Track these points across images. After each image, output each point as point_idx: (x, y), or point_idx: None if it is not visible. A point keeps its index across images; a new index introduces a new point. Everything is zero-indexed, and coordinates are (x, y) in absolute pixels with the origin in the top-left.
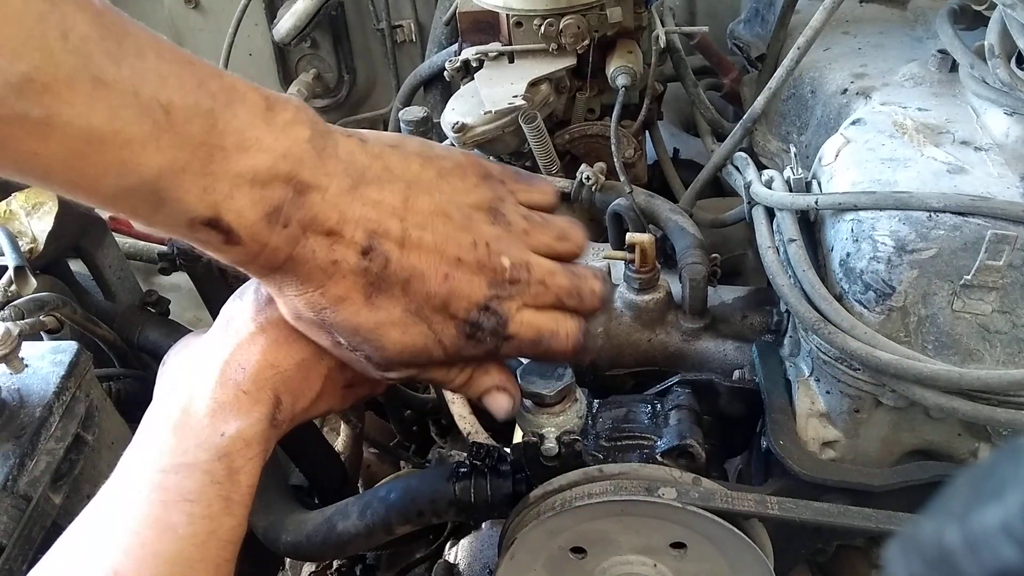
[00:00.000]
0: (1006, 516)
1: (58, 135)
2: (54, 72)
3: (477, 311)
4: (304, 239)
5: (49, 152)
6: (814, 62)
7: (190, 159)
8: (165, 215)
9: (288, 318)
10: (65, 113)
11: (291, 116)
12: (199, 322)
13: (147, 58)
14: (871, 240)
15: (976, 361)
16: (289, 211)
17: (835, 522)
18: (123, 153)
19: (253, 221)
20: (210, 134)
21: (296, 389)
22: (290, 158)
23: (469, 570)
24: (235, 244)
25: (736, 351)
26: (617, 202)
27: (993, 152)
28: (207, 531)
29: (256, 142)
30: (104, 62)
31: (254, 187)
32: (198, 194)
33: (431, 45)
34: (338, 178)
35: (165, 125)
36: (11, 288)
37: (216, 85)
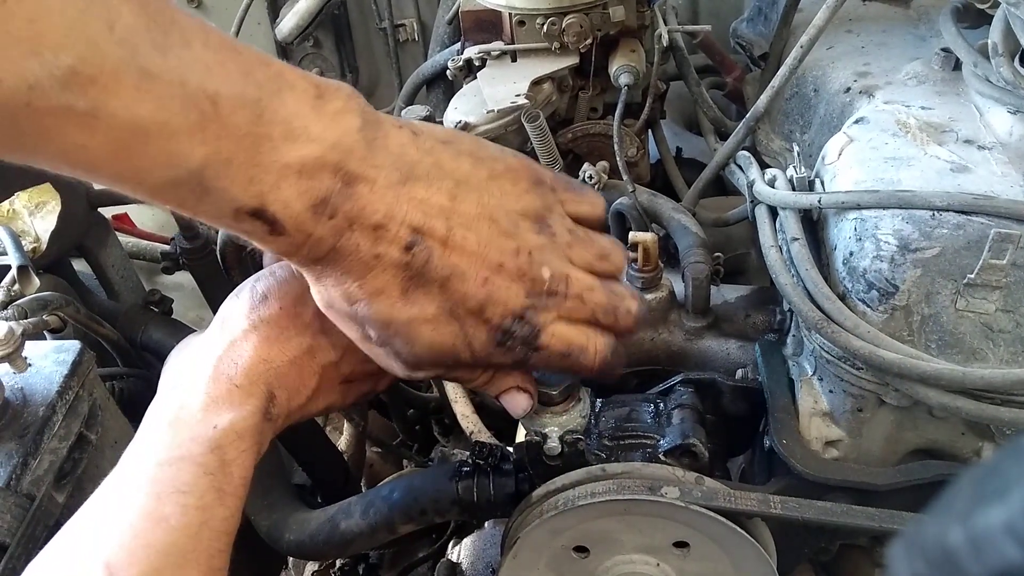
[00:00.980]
0: (1010, 516)
1: (104, 127)
2: (100, 64)
3: (511, 319)
4: (349, 232)
5: (95, 144)
6: (817, 61)
7: (236, 149)
8: (210, 205)
9: (320, 306)
10: (111, 105)
11: (341, 104)
12: (202, 321)
13: (193, 47)
14: (874, 239)
15: (979, 360)
16: (336, 202)
17: (838, 521)
18: (169, 145)
19: (299, 211)
20: (257, 124)
21: (290, 385)
22: (339, 148)
23: (472, 569)
24: (280, 235)
25: (739, 350)
26: (620, 201)
27: (996, 151)
28: (199, 522)
29: (304, 131)
30: (150, 53)
31: (301, 178)
32: (243, 184)
33: (434, 44)
34: (387, 171)
35: (212, 115)
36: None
37: (263, 74)
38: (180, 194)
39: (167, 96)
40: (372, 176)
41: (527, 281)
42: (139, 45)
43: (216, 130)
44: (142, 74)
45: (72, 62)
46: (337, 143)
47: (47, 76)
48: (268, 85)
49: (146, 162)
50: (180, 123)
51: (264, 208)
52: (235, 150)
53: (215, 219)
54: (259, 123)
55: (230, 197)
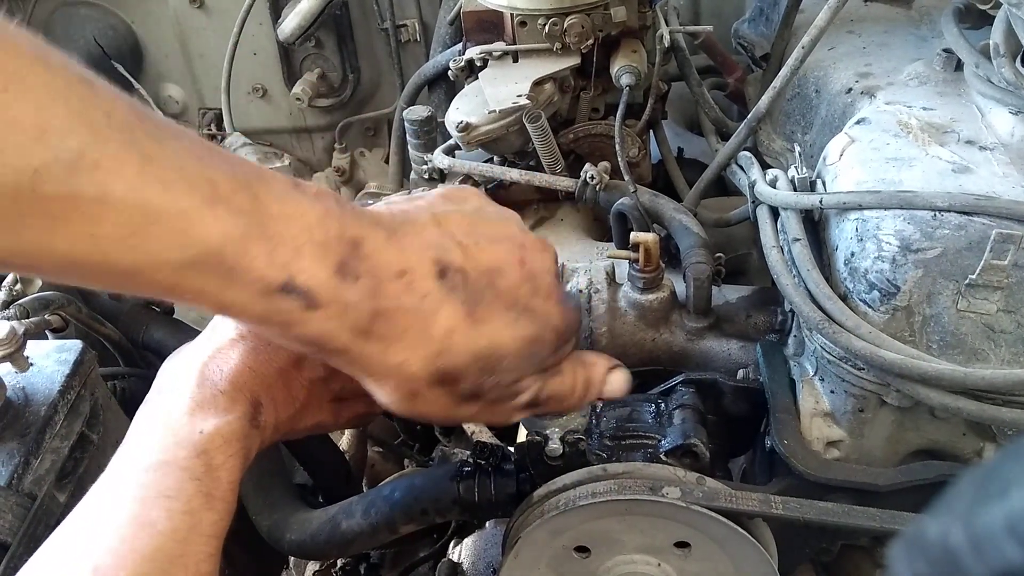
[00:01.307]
0: (1010, 515)
1: (113, 213)
2: (103, 148)
3: (556, 278)
4: (382, 289)
5: (105, 232)
6: (819, 61)
7: (248, 225)
8: (238, 288)
9: (393, 398)
10: (118, 189)
11: (317, 188)
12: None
13: (182, 140)
14: (876, 239)
15: (981, 361)
16: (355, 264)
17: (839, 522)
18: (180, 223)
19: (326, 277)
20: (256, 203)
21: (277, 396)
22: (333, 217)
23: (473, 569)
24: (317, 308)
25: (740, 350)
26: (621, 201)
27: (998, 151)
28: (187, 527)
29: (297, 207)
30: (147, 141)
31: (314, 247)
32: (266, 259)
33: (435, 44)
34: (381, 229)
35: (214, 197)
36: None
37: (246, 167)
38: (204, 279)
39: (170, 179)
40: (372, 235)
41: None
42: (136, 132)
43: (224, 209)
44: (143, 158)
45: (77, 146)
46: (328, 213)
47: (54, 160)
48: (252, 173)
49: (160, 244)
50: (188, 203)
51: (292, 279)
52: (247, 226)
53: (245, 306)
54: (257, 203)
55: (256, 275)
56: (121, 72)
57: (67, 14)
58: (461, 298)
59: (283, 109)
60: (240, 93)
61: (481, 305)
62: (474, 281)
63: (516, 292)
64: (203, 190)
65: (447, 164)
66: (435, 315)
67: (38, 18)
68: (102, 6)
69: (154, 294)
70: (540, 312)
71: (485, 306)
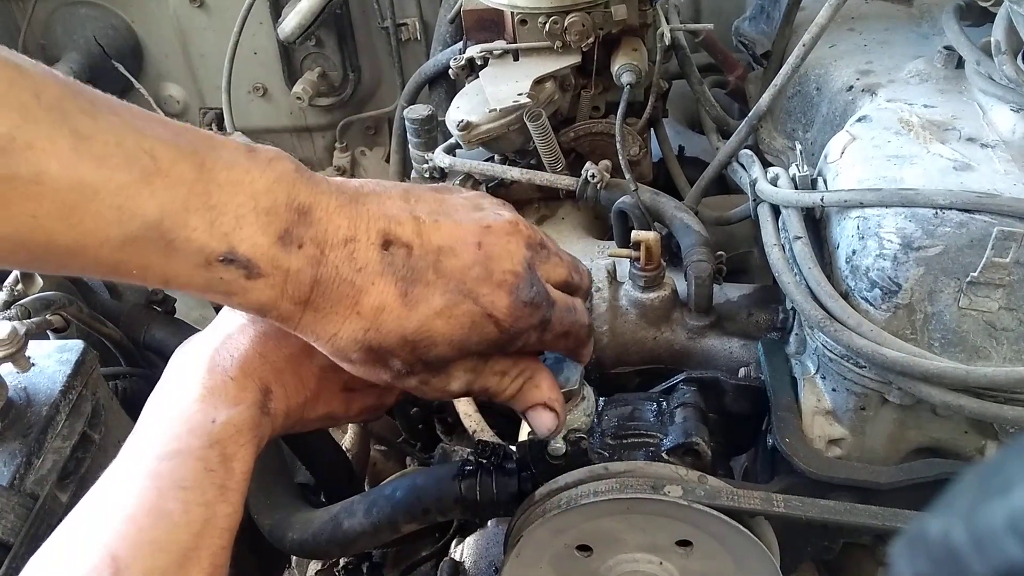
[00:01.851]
0: (1012, 514)
1: (50, 191)
2: (34, 129)
3: (525, 268)
4: (323, 257)
5: (44, 211)
6: (819, 59)
7: (188, 196)
8: (179, 260)
9: (340, 363)
10: (53, 168)
11: (274, 154)
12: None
13: (121, 114)
14: (877, 237)
15: (983, 358)
16: (299, 232)
17: (841, 520)
18: (118, 199)
19: (267, 247)
20: (201, 172)
21: (288, 383)
22: (283, 183)
23: (475, 568)
24: (258, 277)
25: (742, 349)
26: (622, 200)
27: (999, 149)
28: (202, 519)
29: (247, 174)
30: (80, 117)
31: (259, 215)
32: (206, 229)
33: (436, 43)
34: (335, 196)
35: (154, 169)
36: (17, 287)
37: (193, 135)
38: (146, 254)
39: (105, 155)
40: (323, 203)
41: (520, 235)
42: (68, 111)
43: (163, 182)
44: (76, 136)
45: (6, 129)
46: (280, 179)
47: None
48: (200, 142)
49: (99, 221)
50: (124, 178)
51: (234, 250)
52: (187, 196)
53: (188, 276)
54: (203, 171)
55: (197, 246)
56: (122, 72)
57: (68, 14)
58: (399, 275)
59: (284, 108)
60: (241, 92)
61: (418, 285)
62: (417, 258)
63: (462, 274)
64: (141, 163)
65: (448, 163)
66: (367, 290)
67: (39, 18)
68: (103, 6)
69: (102, 273)
70: (484, 300)
71: (422, 287)
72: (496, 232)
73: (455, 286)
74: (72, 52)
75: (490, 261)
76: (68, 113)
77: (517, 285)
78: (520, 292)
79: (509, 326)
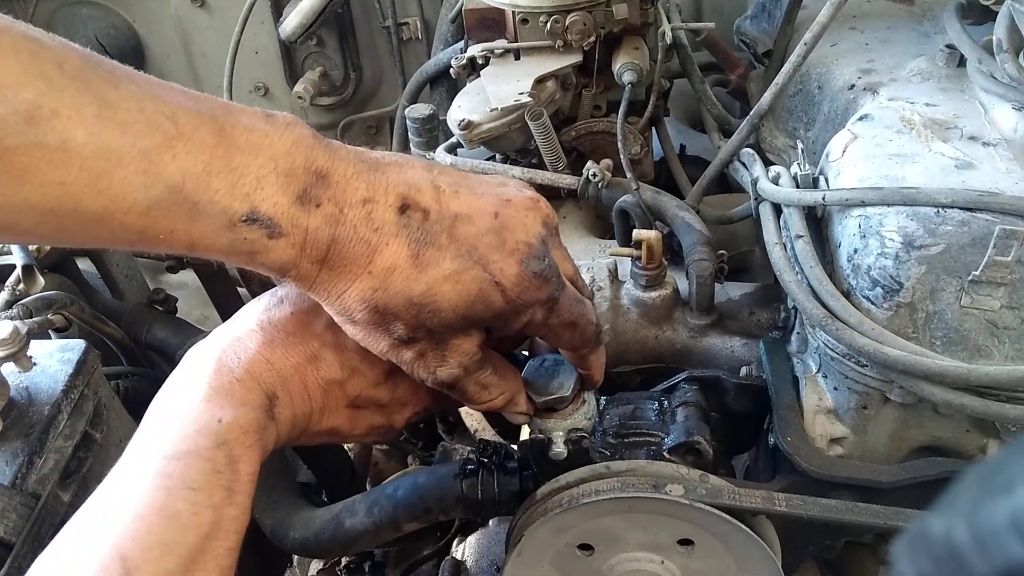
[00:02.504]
0: (1015, 512)
1: (76, 159)
2: (59, 97)
3: (539, 242)
4: (342, 216)
5: (72, 178)
6: (821, 58)
7: (209, 160)
8: (203, 223)
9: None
10: (79, 135)
11: (291, 119)
12: (206, 320)
13: (140, 83)
14: (879, 236)
15: (984, 357)
16: (317, 192)
17: (843, 519)
18: (142, 164)
19: (288, 205)
20: (221, 136)
21: (294, 391)
22: (301, 147)
23: (477, 567)
24: (279, 236)
25: (743, 348)
26: (624, 199)
27: (1001, 147)
28: (210, 521)
29: (265, 137)
30: (103, 86)
31: (278, 176)
32: (228, 190)
33: (437, 42)
34: (353, 163)
35: (176, 134)
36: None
37: (211, 102)
38: (171, 218)
39: (128, 121)
40: (341, 168)
41: (538, 211)
42: (90, 80)
43: (184, 146)
44: (100, 103)
45: (32, 97)
46: (297, 143)
47: (11, 113)
48: (219, 108)
49: (125, 186)
50: (147, 143)
51: (256, 209)
52: (209, 160)
53: (213, 240)
54: (223, 135)
55: (220, 208)
56: None
57: (69, 14)
58: (413, 237)
59: (285, 108)
60: (242, 92)
61: (430, 248)
62: (433, 223)
63: (475, 240)
64: (163, 128)
65: (449, 162)
66: (381, 250)
67: (40, 18)
68: (104, 6)
69: (128, 240)
70: (493, 267)
71: (434, 250)
72: (515, 205)
73: (466, 251)
74: None
75: (504, 230)
76: (90, 82)
77: (528, 256)
78: (530, 263)
79: (515, 296)
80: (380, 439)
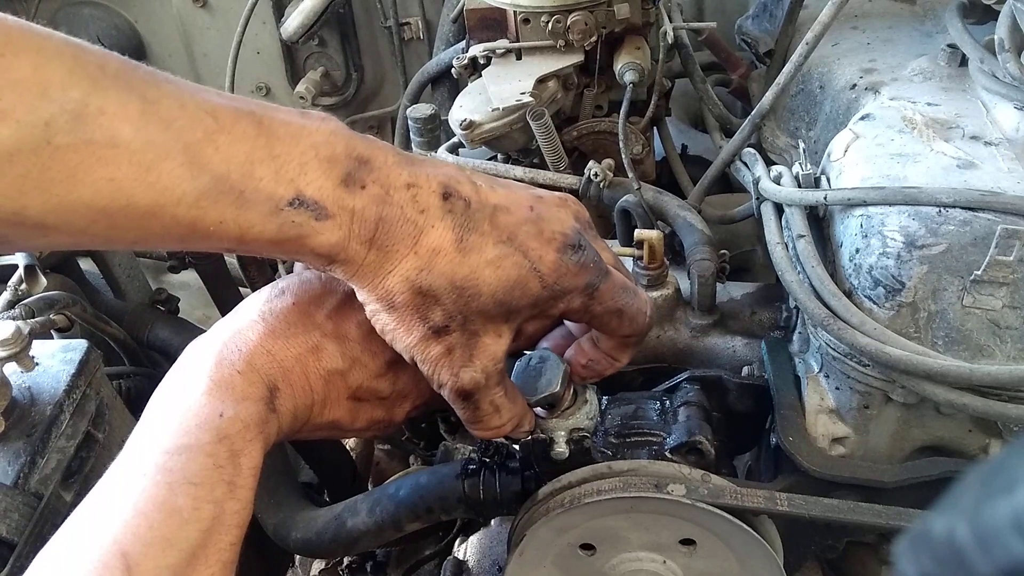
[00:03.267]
0: (1017, 512)
1: (125, 153)
2: (104, 95)
3: (575, 232)
4: (388, 197)
5: (122, 175)
6: (823, 57)
7: (251, 150)
8: (251, 210)
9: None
10: (125, 131)
11: (325, 115)
12: (208, 320)
13: (178, 84)
14: (880, 236)
15: (986, 357)
16: (361, 175)
17: (845, 518)
18: (188, 156)
19: (332, 187)
20: (260, 127)
21: (295, 383)
22: (340, 136)
23: (478, 567)
24: (326, 218)
25: (745, 347)
26: (625, 198)
27: (1003, 147)
28: (212, 516)
29: (303, 129)
30: (143, 86)
31: (321, 162)
32: (273, 177)
33: (439, 42)
34: (392, 153)
35: (216, 127)
36: (21, 287)
37: (248, 100)
38: (220, 207)
39: (171, 117)
40: (381, 156)
41: (569, 208)
42: (132, 80)
43: (226, 138)
44: (143, 100)
45: (79, 96)
46: (335, 132)
47: (60, 112)
48: (255, 105)
49: (173, 178)
50: (191, 137)
51: (301, 193)
52: (251, 150)
53: (262, 226)
54: (262, 127)
55: (267, 194)
56: None
57: (71, 14)
58: (456, 222)
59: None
60: (244, 92)
61: (474, 234)
62: (474, 211)
63: (515, 228)
64: (204, 123)
65: (451, 162)
66: (427, 232)
67: (42, 18)
68: (106, 6)
69: (179, 235)
70: (532, 254)
71: (477, 236)
72: (547, 202)
73: (507, 238)
74: None
75: (541, 221)
76: (132, 82)
77: (565, 244)
78: (567, 251)
79: (553, 282)
80: (381, 433)
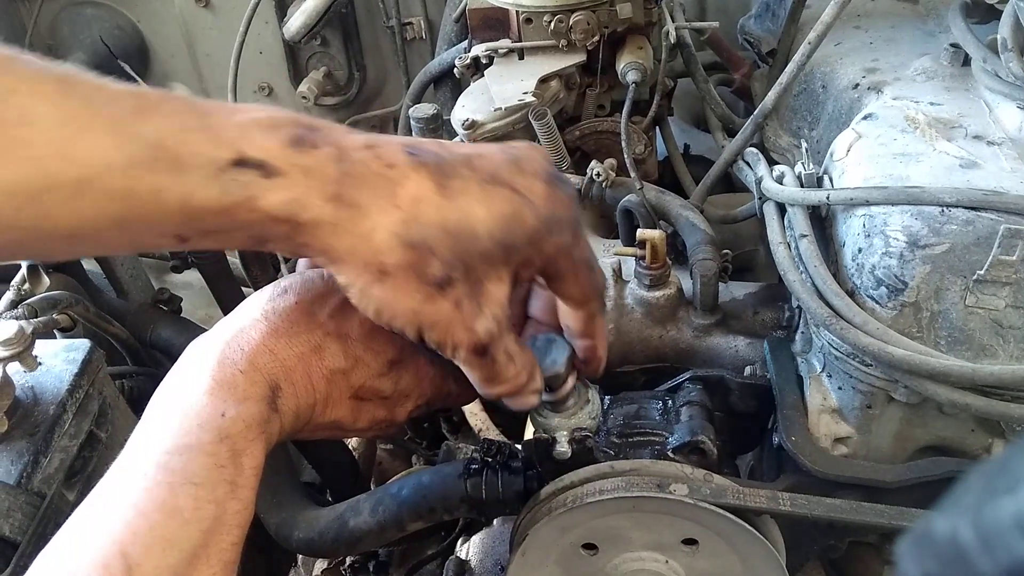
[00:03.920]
0: (1019, 511)
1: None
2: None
3: (553, 168)
4: (346, 155)
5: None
6: (825, 57)
7: (185, 120)
8: (190, 174)
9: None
10: (40, 108)
11: (264, 105)
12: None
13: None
14: (883, 235)
15: (989, 356)
16: (312, 137)
17: (847, 518)
18: (113, 127)
19: (279, 147)
20: (191, 106)
21: (297, 382)
22: (283, 113)
23: (481, 567)
24: (275, 175)
25: (747, 347)
26: (628, 198)
27: (1006, 146)
28: (213, 516)
29: (238, 108)
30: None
31: (262, 128)
32: (211, 142)
33: (441, 42)
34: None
35: (142, 107)
36: (24, 286)
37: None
38: (155, 175)
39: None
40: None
41: (540, 152)
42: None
43: (155, 113)
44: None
45: None
46: (277, 111)
47: None
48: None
49: (97, 149)
50: (116, 111)
51: (244, 153)
52: (184, 121)
53: (205, 191)
54: (193, 107)
55: (206, 158)
56: (128, 71)
57: (73, 14)
58: (431, 171)
59: (289, 108)
60: (246, 92)
61: (454, 178)
62: (447, 160)
63: (496, 169)
64: (129, 102)
65: None
66: (403, 183)
67: (45, 18)
68: (108, 6)
69: (116, 209)
70: (520, 186)
71: (458, 179)
72: (517, 146)
73: (490, 177)
74: (78, 52)
75: (520, 160)
76: (48, 68)
77: (549, 175)
78: (554, 181)
79: (547, 213)
80: (383, 433)
